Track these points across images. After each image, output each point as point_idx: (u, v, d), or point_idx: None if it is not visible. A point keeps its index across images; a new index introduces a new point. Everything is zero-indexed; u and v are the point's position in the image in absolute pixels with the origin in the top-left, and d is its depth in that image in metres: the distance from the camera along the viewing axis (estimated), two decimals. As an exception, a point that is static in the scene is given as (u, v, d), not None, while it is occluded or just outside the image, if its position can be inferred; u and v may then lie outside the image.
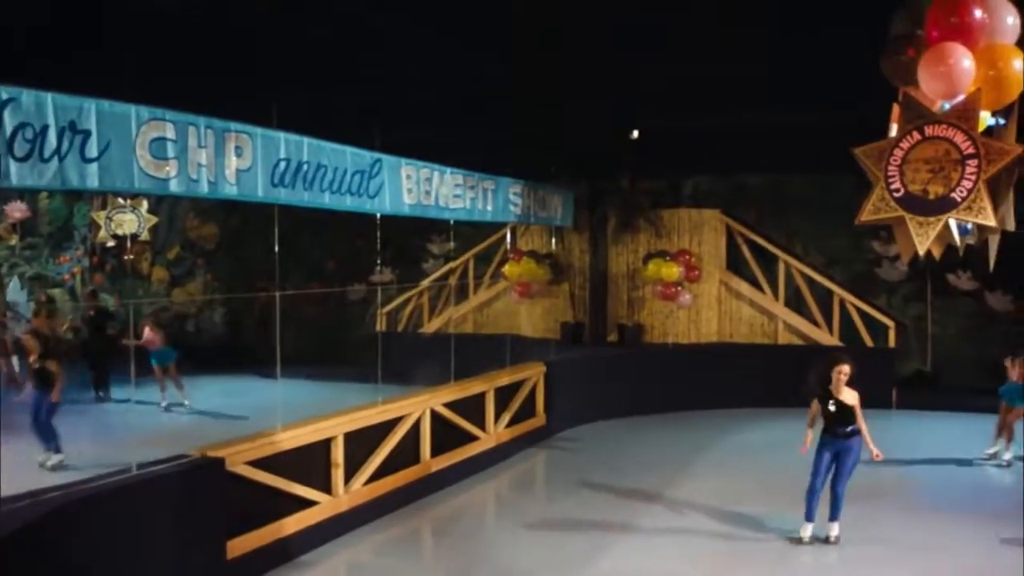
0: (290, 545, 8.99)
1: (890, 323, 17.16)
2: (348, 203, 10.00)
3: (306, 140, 9.12)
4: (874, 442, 9.24)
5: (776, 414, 15.86)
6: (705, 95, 13.81)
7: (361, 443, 10.12)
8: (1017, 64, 6.79)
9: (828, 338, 17.27)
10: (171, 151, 7.46)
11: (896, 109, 7.13)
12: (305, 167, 9.12)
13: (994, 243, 6.89)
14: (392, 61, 12.69)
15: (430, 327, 20.08)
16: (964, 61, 6.67)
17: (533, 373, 14.12)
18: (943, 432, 14.66)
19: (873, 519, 10.26)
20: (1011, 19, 6.86)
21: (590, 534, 9.88)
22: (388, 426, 10.62)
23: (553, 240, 18.26)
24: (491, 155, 13.90)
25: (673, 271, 16.66)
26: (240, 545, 8.33)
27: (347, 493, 9.82)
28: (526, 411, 13.89)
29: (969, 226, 6.95)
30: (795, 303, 17.71)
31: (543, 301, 18.47)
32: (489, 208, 13.44)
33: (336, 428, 9.70)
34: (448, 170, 12.15)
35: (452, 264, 20.02)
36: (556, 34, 11.57)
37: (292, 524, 9.01)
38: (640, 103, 14.55)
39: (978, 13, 6.72)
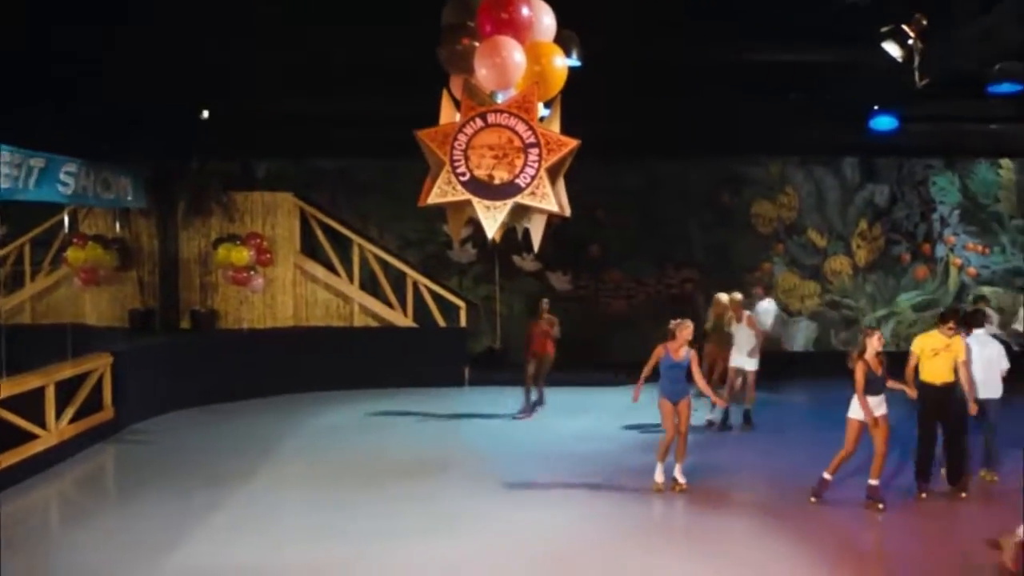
0: None
1: (461, 303, 18.02)
2: None
3: None
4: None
5: (355, 395, 16.21)
6: (275, 78, 13.71)
7: None
8: (559, 60, 7.38)
9: (403, 319, 17.79)
10: None
11: (445, 96, 7.46)
12: None
13: (538, 228, 7.38)
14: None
15: (-20, 319, 18.40)
16: (516, 55, 7.12)
17: (99, 364, 13.38)
18: (514, 405, 15.39)
19: (440, 495, 10.74)
20: (548, 19, 7.43)
21: (166, 527, 9.55)
22: (-72, 429, 9.66)
23: (118, 224, 17.36)
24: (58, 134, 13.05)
25: (243, 255, 16.41)
26: None
27: None
28: (92, 405, 13.14)
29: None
30: (370, 286, 18.03)
31: (110, 288, 17.52)
32: (34, 187, 12.54)
33: None
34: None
35: (4, 249, 18.44)
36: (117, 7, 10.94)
37: None
38: (209, 82, 14.13)
39: (525, 11, 7.20)
